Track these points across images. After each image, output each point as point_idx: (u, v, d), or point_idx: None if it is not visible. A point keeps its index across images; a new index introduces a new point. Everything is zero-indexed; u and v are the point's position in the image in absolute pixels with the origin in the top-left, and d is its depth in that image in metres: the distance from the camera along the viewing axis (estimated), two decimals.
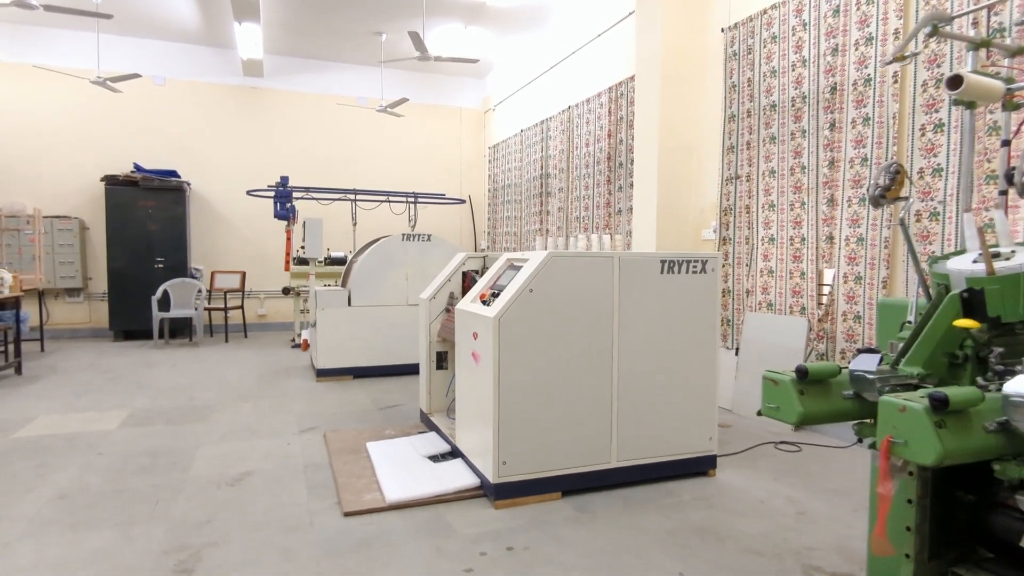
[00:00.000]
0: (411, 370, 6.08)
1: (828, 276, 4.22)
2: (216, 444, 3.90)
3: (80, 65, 8.37)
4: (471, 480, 3.08)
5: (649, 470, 3.22)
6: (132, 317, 8.33)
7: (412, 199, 8.86)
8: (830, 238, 4.10)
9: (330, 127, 9.89)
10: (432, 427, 4.05)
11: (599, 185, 6.88)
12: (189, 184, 8.95)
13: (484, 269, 4.28)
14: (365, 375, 5.96)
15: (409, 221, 8.96)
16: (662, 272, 3.19)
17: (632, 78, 6.14)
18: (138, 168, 8.55)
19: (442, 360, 4.24)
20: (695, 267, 3.27)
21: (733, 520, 2.82)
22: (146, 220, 8.41)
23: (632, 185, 6.14)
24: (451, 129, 10.71)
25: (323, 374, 5.83)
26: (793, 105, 4.35)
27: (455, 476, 3.16)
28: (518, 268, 3.12)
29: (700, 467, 3.35)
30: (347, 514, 2.83)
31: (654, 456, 3.23)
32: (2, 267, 7.65)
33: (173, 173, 8.74)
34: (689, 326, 3.27)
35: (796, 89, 4.33)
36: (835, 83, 4.03)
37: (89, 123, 8.66)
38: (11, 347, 6.21)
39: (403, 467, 3.33)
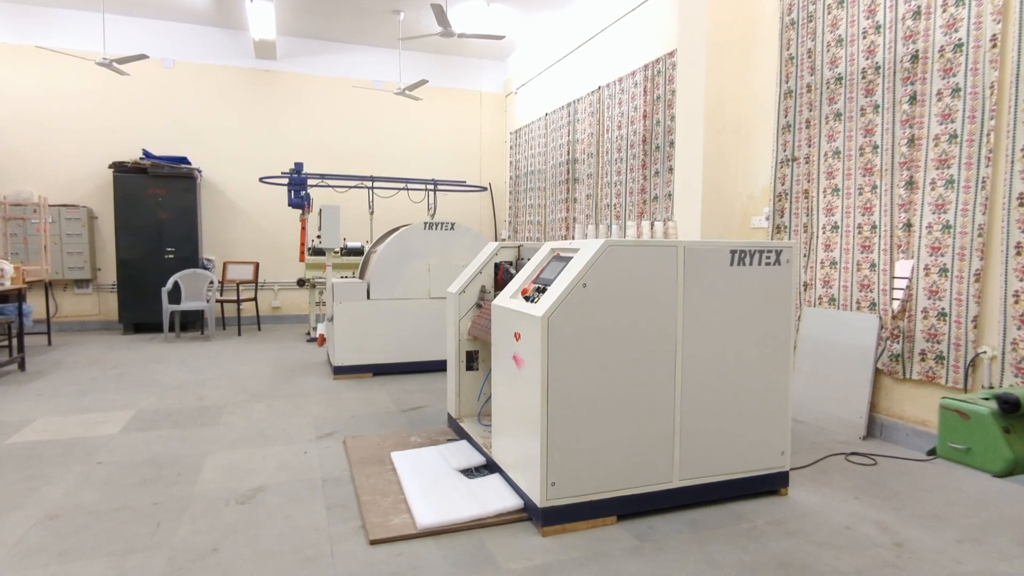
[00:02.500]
0: (434, 367, 5.71)
1: (903, 268, 3.78)
2: (226, 452, 3.55)
3: (86, 47, 8.04)
4: (513, 501, 2.70)
5: (715, 490, 2.82)
6: (142, 309, 8.03)
7: (432, 186, 8.47)
8: (908, 225, 3.65)
9: (345, 112, 9.51)
10: (462, 434, 3.67)
11: (633, 170, 6.44)
12: (200, 171, 8.61)
13: (519, 260, 3.88)
14: (385, 372, 5.60)
15: (428, 209, 8.57)
16: (731, 263, 2.78)
17: (672, 53, 5.69)
18: (147, 155, 8.22)
19: (472, 360, 3.86)
20: (768, 258, 2.85)
21: (819, 552, 2.42)
22: (156, 209, 8.09)
23: (671, 169, 5.72)
24: (471, 113, 10.29)
25: (341, 371, 5.47)
26: (864, 77, 3.89)
27: (494, 495, 2.78)
28: (566, 259, 2.72)
29: (771, 485, 2.94)
30: (373, 542, 2.45)
31: (721, 474, 2.83)
32: (6, 258, 7.37)
33: (183, 160, 8.40)
34: (760, 325, 2.86)
35: (868, 59, 3.87)
36: (916, 50, 3.57)
37: (96, 108, 8.34)
38: (15, 341, 5.90)
39: (434, 483, 2.95)
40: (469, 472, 3.12)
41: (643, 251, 2.61)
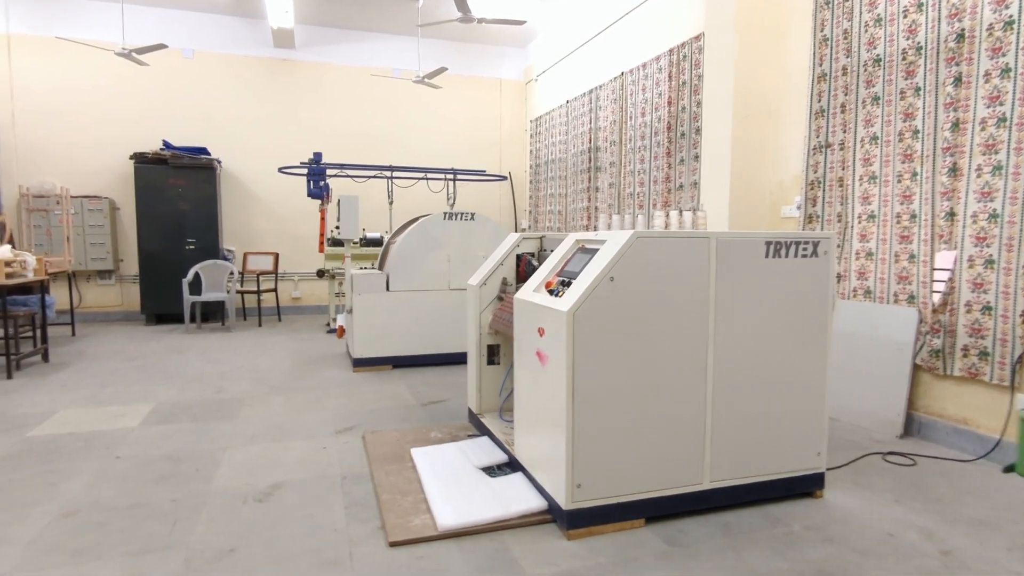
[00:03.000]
0: (453, 360, 5.64)
1: (944, 259, 3.60)
2: (244, 447, 3.50)
3: (105, 38, 8.03)
4: (536, 502, 2.61)
5: (747, 491, 2.71)
6: (164, 300, 8.06)
7: (451, 176, 8.37)
8: (951, 214, 3.47)
9: (364, 101, 9.42)
10: (483, 430, 3.59)
11: (657, 158, 6.27)
12: (220, 161, 8.60)
13: (541, 252, 3.77)
14: (404, 365, 5.54)
15: (448, 200, 8.47)
16: (767, 255, 2.64)
17: (698, 37, 5.50)
18: (167, 145, 8.22)
19: (494, 354, 3.77)
20: (805, 249, 2.71)
21: (862, 562, 2.29)
22: (176, 199, 8.10)
23: (697, 157, 5.55)
24: (490, 102, 10.15)
25: (360, 364, 5.42)
26: (904, 58, 3.70)
27: (517, 496, 2.68)
28: (592, 251, 2.60)
29: (806, 487, 2.81)
30: (393, 544, 2.38)
31: (754, 475, 2.71)
32: (30, 249, 7.42)
33: (203, 150, 8.38)
34: (796, 320, 2.72)
35: (908, 39, 3.67)
36: (962, 29, 3.38)
37: (117, 99, 8.34)
38: (39, 333, 5.94)
39: (455, 482, 2.87)
40: (491, 470, 3.03)
41: (673, 243, 2.48)
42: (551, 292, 2.64)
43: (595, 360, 2.39)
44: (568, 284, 2.56)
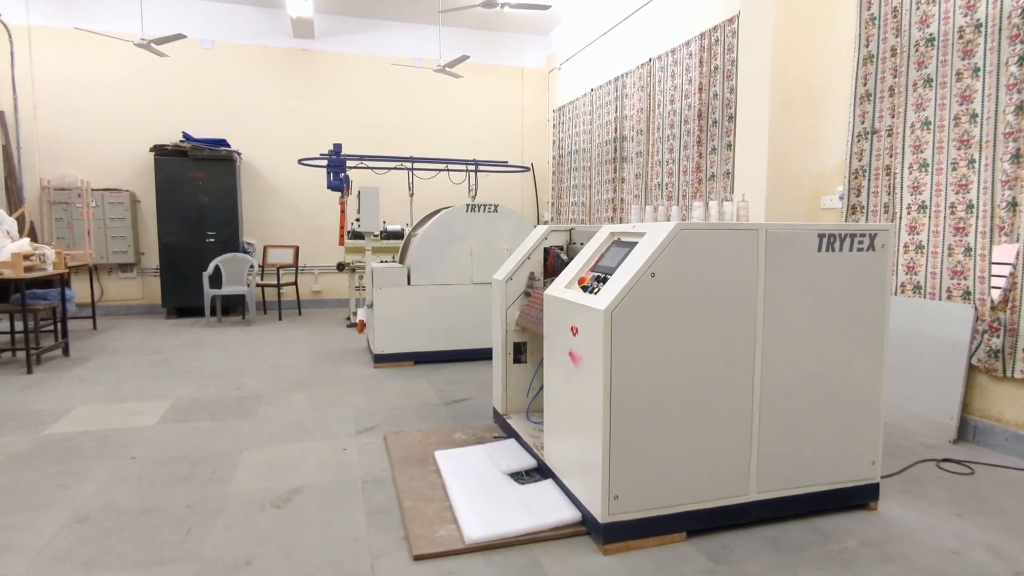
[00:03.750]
0: (476, 356, 5.49)
1: (1005, 253, 3.35)
2: (263, 447, 3.38)
3: (124, 29, 7.97)
4: (569, 513, 2.44)
5: (796, 503, 2.52)
6: (184, 293, 8.01)
7: (473, 167, 8.20)
8: (1012, 204, 3.22)
9: (384, 91, 9.28)
10: (510, 432, 3.43)
11: (687, 147, 6.05)
12: (239, 153, 8.52)
13: (570, 245, 3.59)
14: (426, 361, 5.40)
15: (469, 191, 8.31)
16: (819, 249, 2.44)
17: (732, 19, 5.26)
18: (187, 137, 8.15)
19: (520, 352, 3.60)
20: (860, 243, 2.50)
21: None
22: (197, 192, 8.03)
23: (730, 146, 5.32)
24: (512, 91, 9.95)
25: (381, 360, 5.29)
26: (961, 37, 3.45)
27: (548, 505, 2.52)
28: (629, 245, 2.42)
29: (859, 498, 2.61)
30: (417, 558, 2.23)
31: (803, 486, 2.52)
32: (51, 242, 7.41)
33: (223, 142, 8.31)
34: (851, 319, 2.51)
35: (967, 16, 3.42)
36: None
37: (136, 91, 8.29)
38: (59, 327, 5.90)
39: (482, 489, 2.72)
40: (519, 476, 2.87)
41: (720, 235, 2.29)
42: (585, 289, 2.46)
43: (634, 362, 2.22)
44: (603, 280, 2.38)
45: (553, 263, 3.52)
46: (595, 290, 2.37)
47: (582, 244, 3.45)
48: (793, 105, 4.51)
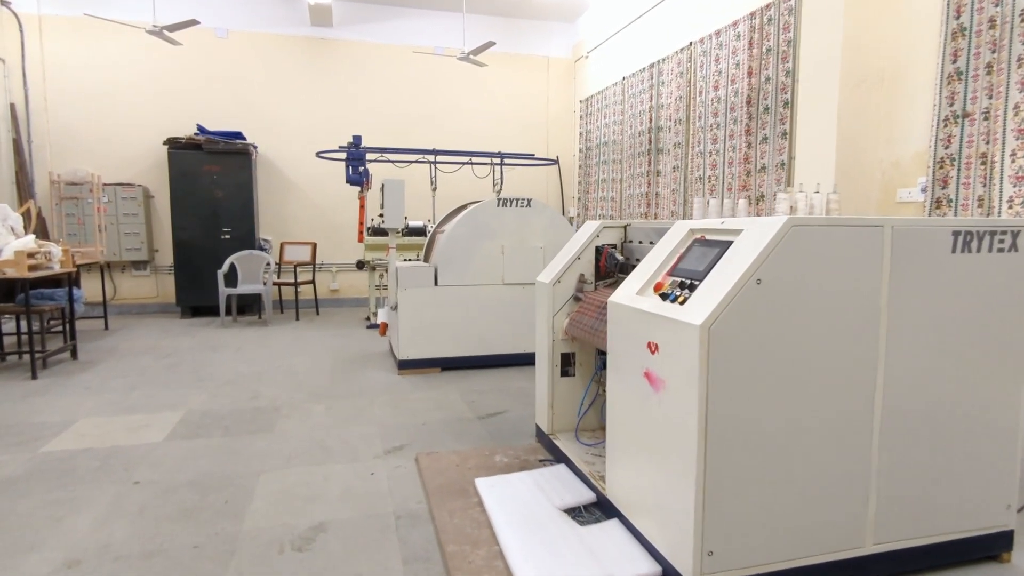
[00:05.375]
0: (506, 362, 5.10)
1: None
2: (281, 471, 3.01)
3: (136, 17, 7.64)
4: (647, 567, 2.04)
5: (916, 557, 2.09)
6: (199, 292, 7.68)
7: (498, 160, 7.79)
8: None
9: (405, 81, 8.89)
10: (557, 455, 3.03)
11: (733, 137, 5.60)
12: (255, 147, 8.18)
13: (625, 242, 3.18)
14: (454, 367, 5.01)
15: (494, 186, 7.90)
16: (954, 250, 2.01)
17: None
18: (201, 130, 7.82)
19: (568, 364, 3.20)
20: (1001, 242, 2.06)
21: None
22: (212, 187, 7.70)
23: (785, 134, 4.87)
24: (537, 81, 9.53)
25: (406, 366, 4.91)
26: None
27: (618, 554, 2.12)
28: (718, 245, 2.01)
29: (990, 549, 2.19)
30: None
31: (926, 535, 2.09)
32: (61, 239, 7.10)
33: (238, 135, 7.97)
34: (989, 336, 2.08)
35: None
36: None
37: (149, 82, 7.97)
38: (68, 327, 5.58)
39: (535, 530, 2.32)
40: (577, 513, 2.48)
41: (838, 233, 1.87)
42: (664, 296, 2.05)
43: (735, 389, 1.81)
44: (689, 287, 1.97)
45: (607, 263, 3.11)
46: (680, 299, 1.96)
47: (639, 242, 3.04)
48: (865, 87, 4.05)
